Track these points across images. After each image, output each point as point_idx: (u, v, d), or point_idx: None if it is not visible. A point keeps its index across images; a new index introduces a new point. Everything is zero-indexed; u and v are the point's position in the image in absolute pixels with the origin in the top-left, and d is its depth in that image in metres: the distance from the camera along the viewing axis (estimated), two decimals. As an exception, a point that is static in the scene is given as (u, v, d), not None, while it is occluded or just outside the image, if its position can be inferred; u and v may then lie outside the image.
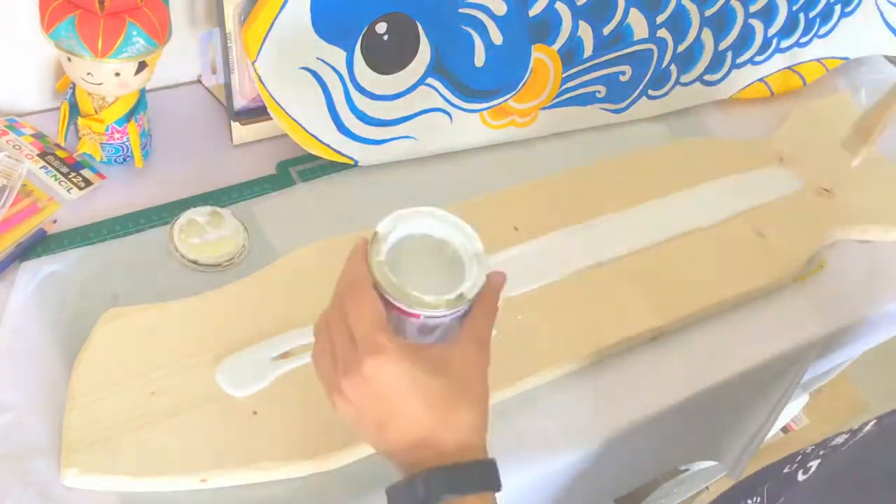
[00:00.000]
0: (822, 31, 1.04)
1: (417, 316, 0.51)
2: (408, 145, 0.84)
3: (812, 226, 0.87)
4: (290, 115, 0.77)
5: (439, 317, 0.52)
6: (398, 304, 0.51)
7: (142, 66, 0.71)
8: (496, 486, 0.52)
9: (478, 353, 0.53)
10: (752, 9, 0.97)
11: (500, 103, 0.86)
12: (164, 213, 0.76)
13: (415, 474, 0.51)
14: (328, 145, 0.80)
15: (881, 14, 1.07)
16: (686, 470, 1.19)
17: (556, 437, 0.68)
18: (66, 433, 0.60)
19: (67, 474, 0.58)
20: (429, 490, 0.50)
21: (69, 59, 0.70)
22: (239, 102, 0.82)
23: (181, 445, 0.61)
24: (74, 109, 0.76)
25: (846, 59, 1.08)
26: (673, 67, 0.95)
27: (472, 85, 0.83)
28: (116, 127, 0.75)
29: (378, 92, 0.79)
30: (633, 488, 0.79)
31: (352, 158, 0.82)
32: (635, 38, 0.90)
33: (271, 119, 0.78)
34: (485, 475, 0.52)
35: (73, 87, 0.75)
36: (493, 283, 0.54)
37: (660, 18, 0.91)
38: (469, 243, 0.54)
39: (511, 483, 0.65)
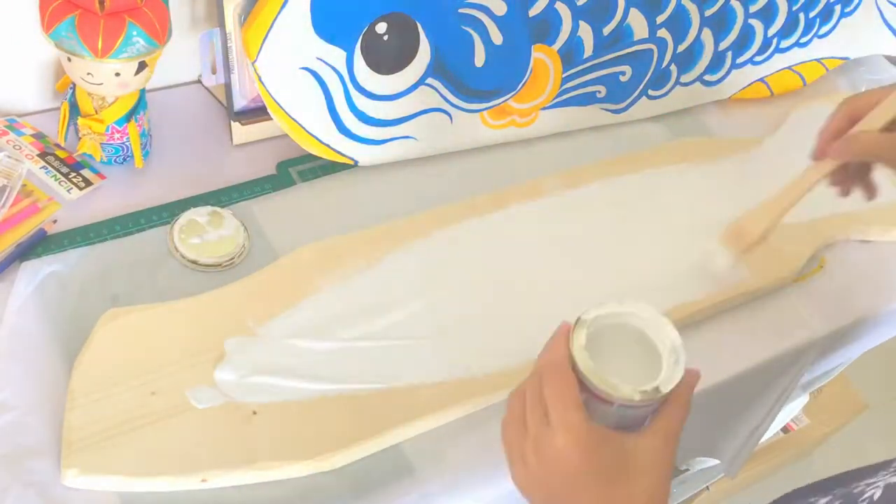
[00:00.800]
0: (822, 31, 1.04)
1: (612, 403, 0.53)
2: (408, 145, 0.84)
3: (812, 226, 0.87)
4: (290, 115, 0.77)
5: (632, 406, 0.53)
6: (594, 390, 0.53)
7: (142, 66, 0.71)
8: None
9: (664, 450, 0.54)
10: (752, 9, 0.97)
11: (500, 103, 0.86)
12: (164, 213, 0.76)
13: None
14: (328, 145, 0.80)
15: (881, 14, 1.07)
16: (686, 470, 1.19)
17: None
18: (66, 433, 0.60)
19: (67, 474, 0.58)
20: None
21: (69, 59, 0.70)
22: (239, 102, 0.82)
23: (181, 445, 0.61)
24: (74, 109, 0.76)
25: (846, 59, 1.08)
26: (673, 67, 0.95)
27: (472, 85, 0.83)
28: (116, 127, 0.75)
29: (378, 92, 0.79)
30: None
31: (352, 158, 0.82)
32: (635, 38, 0.90)
33: (271, 119, 0.78)
34: None
35: (73, 87, 0.75)
36: (688, 380, 0.55)
37: (660, 18, 0.91)
38: (667, 337, 0.56)
39: (511, 483, 0.65)
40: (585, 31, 0.87)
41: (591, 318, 0.55)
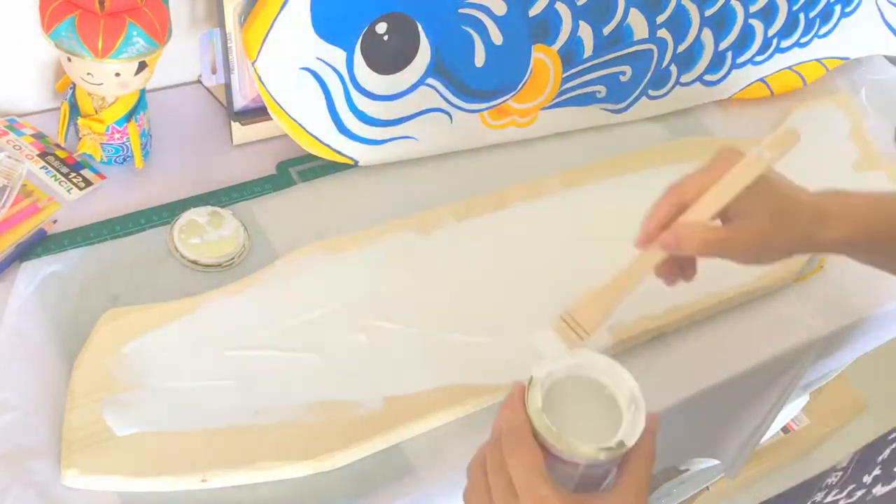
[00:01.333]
0: (822, 31, 1.04)
1: (577, 464, 0.52)
2: (408, 145, 0.84)
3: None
4: (290, 115, 0.77)
5: (597, 466, 0.52)
6: (558, 454, 0.51)
7: (142, 66, 0.71)
8: None
9: (637, 501, 0.52)
10: (752, 9, 0.97)
11: (500, 103, 0.86)
12: (164, 213, 0.76)
13: None
14: (328, 145, 0.80)
15: (881, 14, 1.07)
16: (686, 470, 1.19)
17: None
18: (66, 433, 0.60)
19: (67, 474, 0.58)
20: None
21: (69, 60, 0.70)
22: (239, 102, 0.82)
23: (181, 445, 0.61)
24: (74, 109, 0.76)
25: (846, 59, 1.08)
26: (673, 67, 0.95)
27: (472, 85, 0.83)
28: (116, 127, 0.75)
29: (378, 92, 0.79)
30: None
31: (352, 158, 0.82)
32: (635, 38, 0.90)
33: (271, 119, 0.78)
34: None
35: (73, 87, 0.75)
36: (650, 427, 0.53)
37: (660, 18, 0.91)
38: (625, 385, 0.54)
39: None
40: (585, 31, 0.87)
41: (543, 375, 0.53)
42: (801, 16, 1.01)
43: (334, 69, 0.76)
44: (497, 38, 0.82)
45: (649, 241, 0.62)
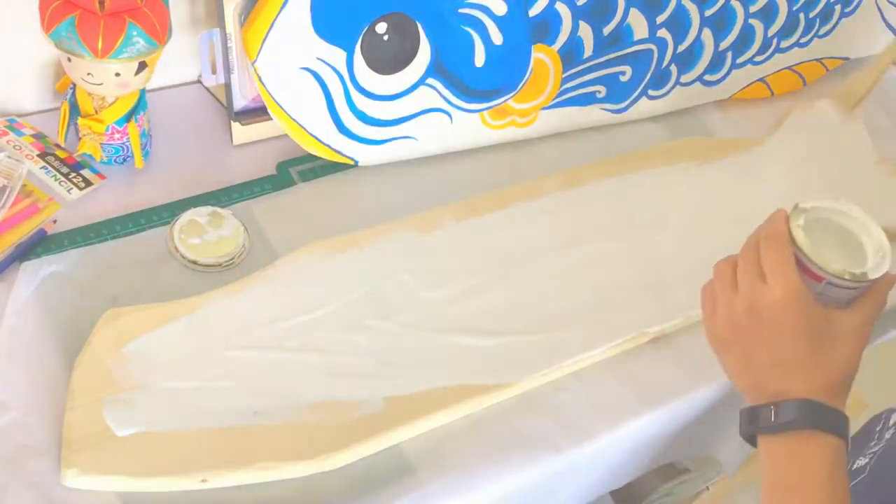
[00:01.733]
0: (822, 31, 1.04)
1: (822, 279, 0.59)
2: (408, 145, 0.84)
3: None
4: (290, 115, 0.77)
5: (840, 286, 0.59)
6: (808, 265, 0.59)
7: (142, 66, 0.71)
8: (847, 439, 0.59)
9: (863, 327, 0.61)
10: (753, 9, 0.97)
11: (500, 103, 0.86)
12: (164, 213, 0.76)
13: (780, 400, 0.59)
14: (328, 145, 0.80)
15: (881, 14, 1.07)
16: (686, 470, 1.19)
17: (556, 436, 0.68)
18: (66, 433, 0.60)
19: (67, 474, 0.58)
20: (801, 415, 0.58)
21: (69, 60, 0.70)
22: (239, 102, 0.82)
23: (181, 445, 0.61)
24: (74, 109, 0.76)
25: (846, 59, 1.08)
26: (673, 67, 0.95)
27: (472, 85, 0.83)
28: (116, 127, 0.75)
29: (378, 92, 0.79)
30: (631, 479, 0.80)
31: (352, 158, 0.82)
32: (635, 38, 0.90)
33: (271, 119, 0.78)
34: (842, 424, 0.59)
35: (73, 87, 0.75)
36: (889, 279, 0.61)
37: (660, 18, 0.91)
38: (876, 238, 0.62)
39: (511, 483, 0.65)
40: (585, 31, 0.87)
41: (809, 207, 0.61)
42: (801, 16, 1.01)
43: (334, 69, 0.76)
44: (497, 38, 0.82)
45: None
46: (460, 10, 0.79)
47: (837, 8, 1.03)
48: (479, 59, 0.82)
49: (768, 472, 0.60)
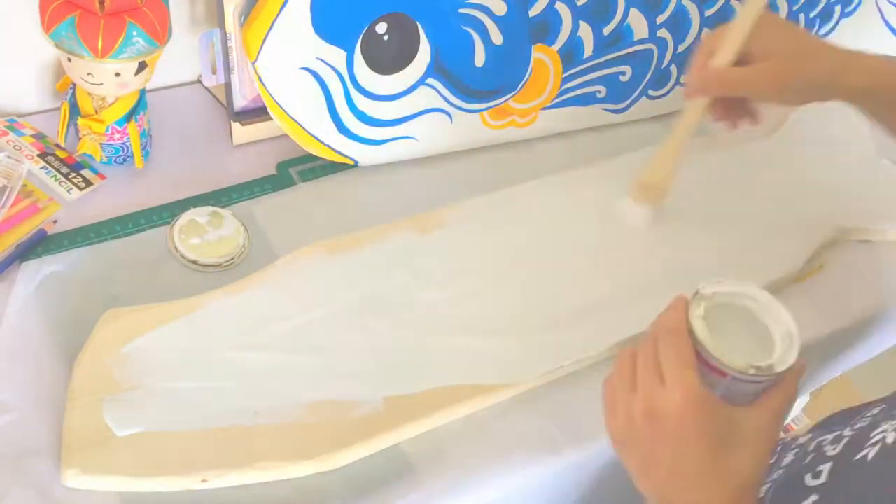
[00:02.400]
0: (822, 31, 1.04)
1: (725, 375, 0.54)
2: (408, 145, 0.84)
3: (812, 225, 0.87)
4: (290, 115, 0.77)
5: (744, 381, 0.54)
6: (709, 360, 0.54)
7: (142, 66, 0.71)
8: None
9: (770, 427, 0.55)
10: (753, 9, 0.97)
11: (500, 103, 0.86)
12: (164, 213, 0.76)
13: None
14: (328, 145, 0.80)
15: (881, 14, 1.07)
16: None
17: (556, 436, 0.68)
18: (66, 433, 0.60)
19: (68, 474, 0.58)
20: None
21: (69, 60, 0.70)
22: (239, 102, 0.82)
23: (181, 445, 0.61)
24: (74, 109, 0.76)
25: (846, 59, 1.08)
26: (673, 67, 0.95)
27: (472, 85, 0.83)
28: (116, 127, 0.75)
29: (378, 92, 0.79)
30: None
31: (352, 158, 0.82)
32: (635, 39, 0.90)
33: (271, 119, 0.78)
34: None
35: (73, 87, 0.75)
36: (798, 368, 0.55)
37: (660, 18, 0.91)
38: (783, 322, 0.56)
39: (511, 483, 0.65)
40: (585, 32, 0.87)
41: (709, 294, 0.57)
42: (801, 16, 1.01)
43: (334, 69, 0.76)
44: (497, 38, 0.82)
45: (689, 92, 0.72)
46: (460, 10, 0.79)
47: (837, 8, 1.03)
48: (479, 59, 0.82)
49: None
